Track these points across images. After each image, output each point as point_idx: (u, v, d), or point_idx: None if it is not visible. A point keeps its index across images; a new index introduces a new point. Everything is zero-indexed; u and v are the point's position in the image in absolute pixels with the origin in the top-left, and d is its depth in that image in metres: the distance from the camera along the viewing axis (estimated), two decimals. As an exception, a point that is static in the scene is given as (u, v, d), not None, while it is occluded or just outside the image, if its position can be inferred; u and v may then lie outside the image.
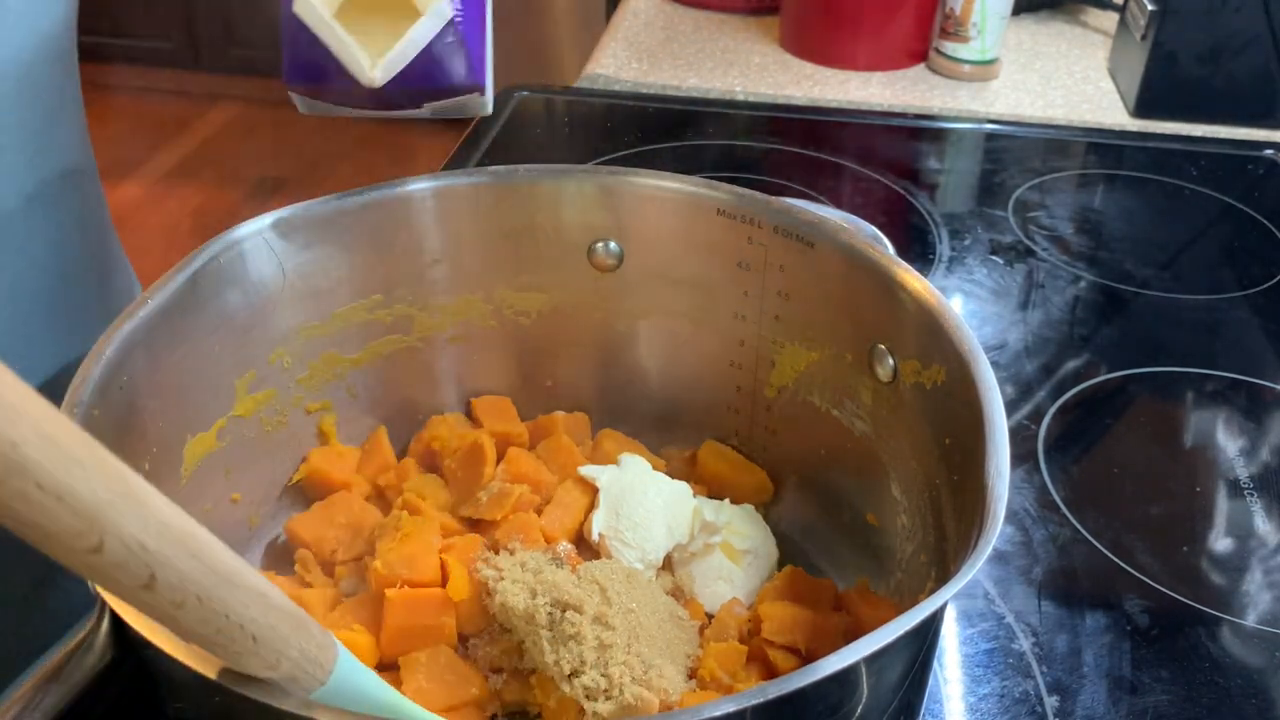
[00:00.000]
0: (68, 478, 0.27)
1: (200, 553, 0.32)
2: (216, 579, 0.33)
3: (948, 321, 0.51)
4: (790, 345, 0.62)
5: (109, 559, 0.29)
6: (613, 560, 0.59)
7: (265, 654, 0.36)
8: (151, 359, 0.50)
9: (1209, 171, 1.09)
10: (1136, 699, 0.58)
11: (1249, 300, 0.91)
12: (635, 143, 1.10)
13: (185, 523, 0.32)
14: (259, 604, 0.35)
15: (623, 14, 1.41)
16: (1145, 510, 0.70)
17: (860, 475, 0.60)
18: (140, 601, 0.31)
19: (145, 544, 0.30)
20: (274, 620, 0.35)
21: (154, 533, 0.30)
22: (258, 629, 0.35)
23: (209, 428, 0.55)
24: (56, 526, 0.27)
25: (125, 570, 0.30)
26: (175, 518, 0.31)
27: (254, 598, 0.35)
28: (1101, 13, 1.40)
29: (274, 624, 0.35)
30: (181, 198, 2.93)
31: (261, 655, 0.35)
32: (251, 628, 0.35)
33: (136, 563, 0.30)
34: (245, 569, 0.34)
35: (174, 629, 0.33)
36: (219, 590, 0.33)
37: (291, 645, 0.37)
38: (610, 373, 0.68)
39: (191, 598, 0.32)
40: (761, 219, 0.60)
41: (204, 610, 0.33)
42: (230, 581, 0.33)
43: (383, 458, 0.64)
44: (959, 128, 1.16)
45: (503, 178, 0.63)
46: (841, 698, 0.39)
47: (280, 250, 0.57)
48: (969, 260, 0.95)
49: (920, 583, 0.53)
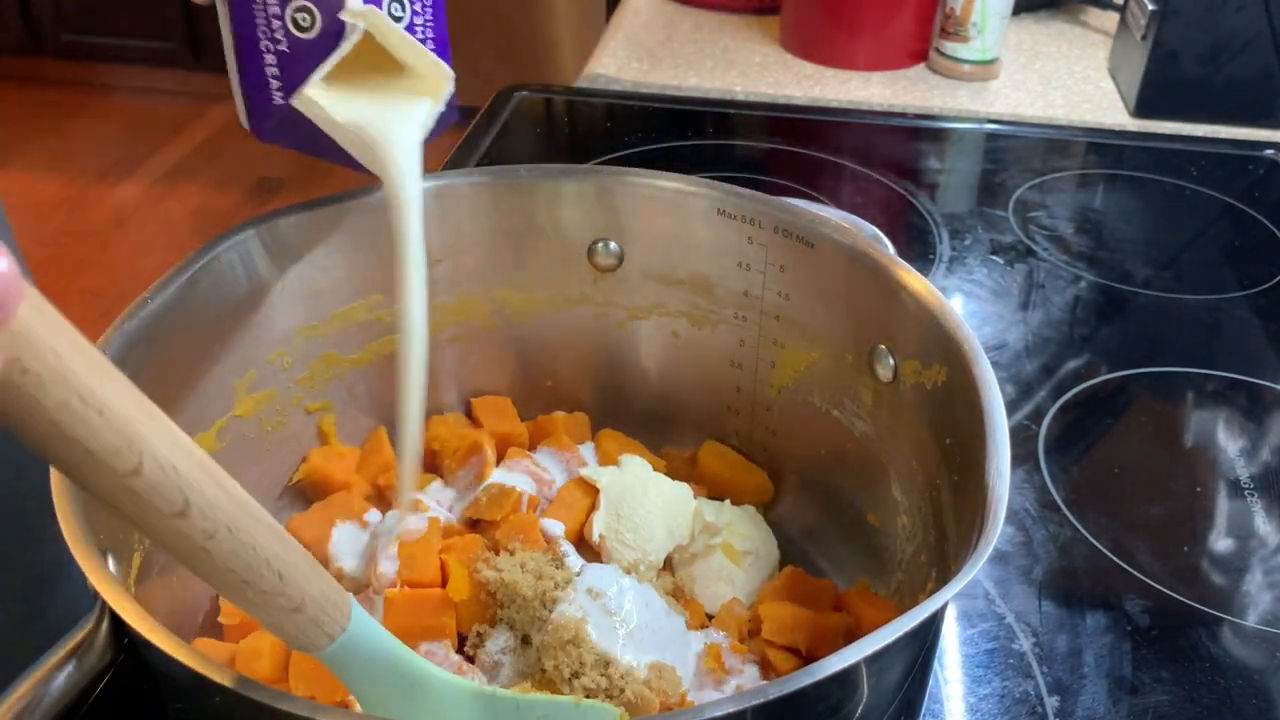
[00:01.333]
0: (105, 392, 0.27)
1: (224, 483, 0.32)
2: (241, 510, 0.33)
3: (948, 321, 0.51)
4: (790, 345, 0.62)
5: (147, 481, 0.29)
6: (611, 561, 0.59)
7: (291, 592, 0.35)
8: (151, 359, 0.50)
9: (1209, 171, 1.08)
10: (1137, 699, 0.58)
11: (1249, 300, 0.91)
12: (635, 143, 1.10)
13: (203, 453, 0.32)
14: (280, 538, 0.35)
15: (623, 14, 1.41)
16: (1146, 510, 0.70)
17: (860, 475, 0.60)
18: (174, 532, 0.31)
19: (177, 466, 0.30)
20: (295, 557, 0.36)
21: (183, 456, 0.30)
22: (283, 565, 0.35)
23: (209, 428, 0.55)
24: (97, 443, 0.28)
25: (162, 495, 0.30)
26: (195, 447, 0.32)
27: (274, 532, 0.35)
28: (1101, 13, 1.40)
29: (296, 561, 0.35)
30: (181, 198, 2.93)
31: (287, 594, 0.35)
32: (276, 563, 0.34)
33: (171, 486, 0.30)
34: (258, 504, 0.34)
35: (204, 568, 0.33)
36: (245, 520, 0.33)
37: (313, 583, 0.37)
38: (610, 373, 0.68)
39: (222, 527, 0.32)
40: (761, 219, 0.60)
41: (234, 541, 0.33)
42: (252, 514, 0.34)
43: (383, 458, 0.64)
44: (959, 128, 1.16)
45: (503, 178, 0.63)
46: (842, 698, 0.39)
47: (280, 251, 0.57)
48: (969, 260, 0.95)
49: (920, 583, 0.53)
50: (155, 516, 0.31)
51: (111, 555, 0.43)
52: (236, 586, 0.34)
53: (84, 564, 0.39)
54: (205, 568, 0.33)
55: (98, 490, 0.29)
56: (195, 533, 0.32)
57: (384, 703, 0.42)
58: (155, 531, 0.31)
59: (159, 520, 0.31)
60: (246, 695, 0.35)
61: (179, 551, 0.32)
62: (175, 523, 0.31)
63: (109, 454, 0.28)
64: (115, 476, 0.29)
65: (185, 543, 0.32)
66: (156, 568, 0.50)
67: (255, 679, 0.36)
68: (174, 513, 0.31)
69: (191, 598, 0.55)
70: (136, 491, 0.29)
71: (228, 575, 0.34)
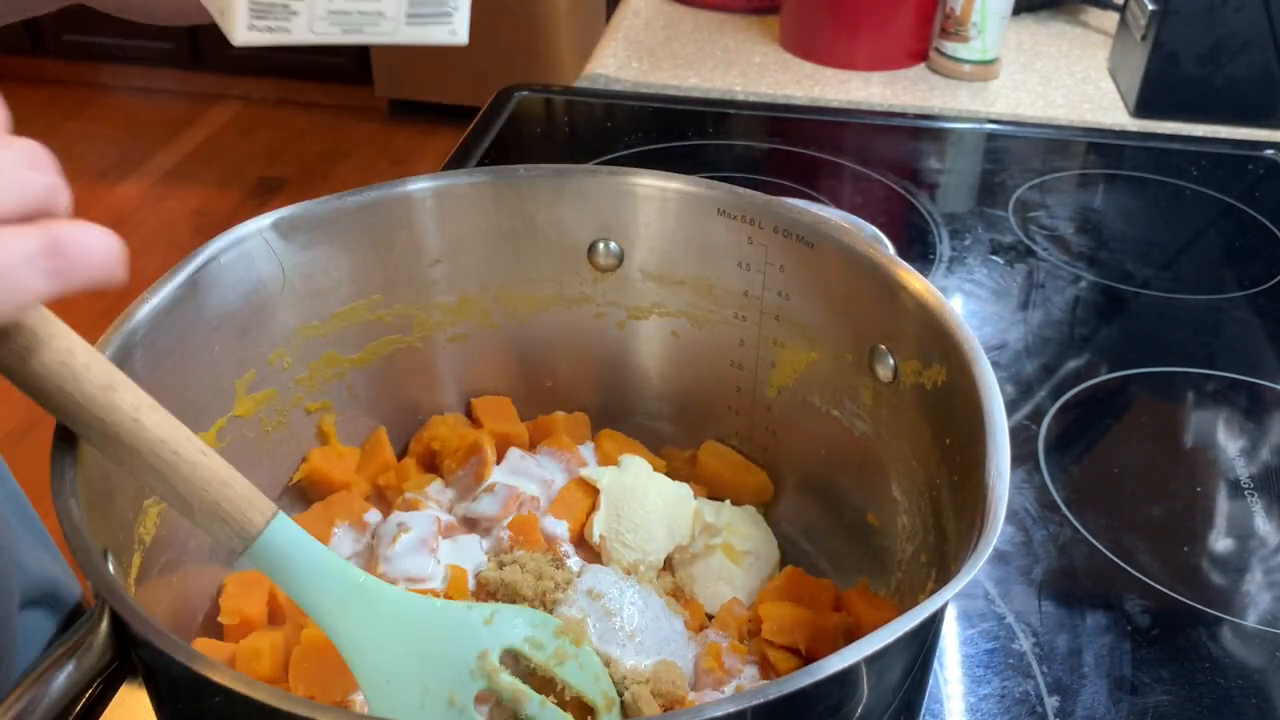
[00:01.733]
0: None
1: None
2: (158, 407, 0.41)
3: (948, 321, 0.51)
4: (790, 345, 0.62)
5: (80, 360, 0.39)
6: (611, 562, 0.59)
7: (217, 465, 0.42)
8: (151, 359, 0.50)
9: (1209, 171, 1.09)
10: (1137, 699, 0.58)
11: (1249, 300, 0.91)
12: (635, 143, 1.10)
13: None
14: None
15: (623, 14, 1.41)
16: (1145, 510, 0.70)
17: (860, 475, 0.60)
18: (108, 405, 0.39)
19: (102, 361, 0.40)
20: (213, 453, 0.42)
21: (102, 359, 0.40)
22: (204, 445, 0.42)
23: (209, 428, 0.55)
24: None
25: (96, 373, 0.39)
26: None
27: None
28: (1101, 13, 1.40)
29: (213, 452, 0.42)
30: (181, 198, 2.93)
31: (214, 467, 0.41)
32: (198, 442, 0.42)
33: (102, 366, 0.39)
34: None
35: (135, 442, 0.39)
36: (162, 411, 0.41)
37: (236, 475, 0.43)
38: (610, 373, 0.68)
39: (146, 405, 0.40)
40: (761, 219, 0.60)
41: (159, 415, 0.40)
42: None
43: (383, 458, 0.64)
44: (959, 128, 1.16)
45: (503, 178, 0.63)
46: (842, 698, 0.39)
47: (280, 250, 0.57)
48: (969, 260, 0.95)
49: (920, 583, 0.53)
50: (92, 389, 0.38)
51: (111, 555, 0.43)
52: (169, 460, 0.40)
53: (84, 564, 0.39)
54: (136, 442, 0.39)
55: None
56: (124, 406, 0.39)
57: (322, 609, 0.45)
58: (90, 406, 0.38)
59: (96, 392, 0.38)
60: (246, 695, 0.35)
61: (108, 425, 0.39)
62: (108, 395, 0.38)
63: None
64: (55, 355, 0.37)
65: (116, 414, 0.38)
66: (156, 568, 0.50)
67: (255, 679, 0.36)
68: (104, 385, 0.38)
69: (192, 598, 0.55)
70: (75, 369, 0.37)
71: (159, 447, 0.39)
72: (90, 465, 0.43)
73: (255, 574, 0.58)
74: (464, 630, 0.47)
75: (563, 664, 0.48)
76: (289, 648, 0.53)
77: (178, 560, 0.53)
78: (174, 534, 0.52)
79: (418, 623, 0.46)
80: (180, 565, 0.53)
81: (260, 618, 0.55)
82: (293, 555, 0.44)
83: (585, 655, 0.49)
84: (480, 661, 0.46)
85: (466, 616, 0.48)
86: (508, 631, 0.48)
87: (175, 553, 0.52)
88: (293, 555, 0.44)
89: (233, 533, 0.43)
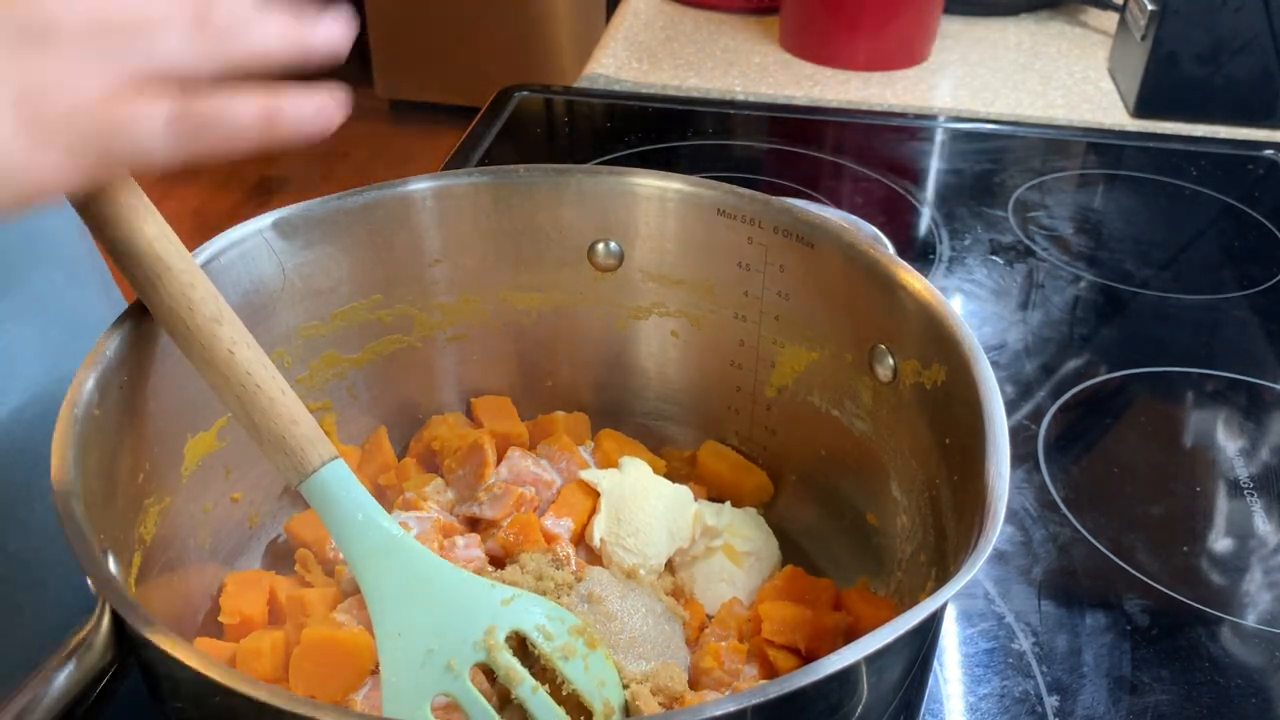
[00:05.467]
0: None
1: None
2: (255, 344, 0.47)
3: (948, 321, 0.51)
4: (790, 345, 0.62)
5: (200, 293, 0.46)
6: (612, 565, 0.59)
7: (292, 405, 0.46)
8: (151, 359, 0.50)
9: (1209, 171, 1.09)
10: (1136, 699, 0.58)
11: (1249, 300, 0.91)
12: (635, 143, 1.10)
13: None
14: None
15: (623, 14, 1.41)
16: (1145, 510, 0.70)
17: (860, 475, 0.60)
18: (211, 335, 0.45)
19: (220, 298, 0.47)
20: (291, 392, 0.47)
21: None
22: (285, 384, 0.47)
23: (209, 427, 0.55)
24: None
25: (209, 303, 0.46)
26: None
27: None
28: (1101, 13, 1.40)
29: (292, 391, 0.47)
30: (181, 198, 2.93)
31: (289, 406, 0.46)
32: (280, 380, 0.46)
33: (215, 299, 0.47)
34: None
35: (228, 370, 0.45)
36: (256, 347, 0.47)
37: (306, 413, 0.47)
38: (610, 373, 0.68)
39: (243, 343, 0.46)
40: (761, 219, 0.60)
41: (254, 351, 0.46)
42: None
43: (383, 458, 0.64)
44: (959, 127, 1.17)
45: (503, 178, 0.63)
46: (842, 697, 0.39)
47: (280, 250, 0.57)
48: (969, 260, 0.95)
49: (920, 583, 0.53)
50: (201, 320, 0.44)
51: (111, 555, 0.43)
52: (251, 392, 0.45)
53: (84, 564, 0.39)
54: (227, 370, 0.44)
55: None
56: (224, 339, 0.44)
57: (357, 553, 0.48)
58: (197, 334, 0.44)
59: (204, 323, 0.44)
60: (246, 695, 0.35)
61: (208, 352, 0.44)
62: (213, 327, 0.44)
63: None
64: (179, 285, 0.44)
65: (216, 344, 0.44)
66: (156, 568, 0.50)
67: (255, 679, 0.36)
68: (212, 318, 0.44)
69: (192, 597, 0.55)
70: (193, 301, 0.44)
71: (246, 379, 0.44)
72: (91, 465, 0.44)
73: (255, 574, 0.58)
74: (481, 604, 0.48)
75: (568, 660, 0.48)
76: (289, 648, 0.53)
77: (178, 560, 0.53)
78: (174, 534, 0.52)
79: (441, 586, 0.48)
80: (180, 565, 0.53)
81: (260, 618, 0.55)
82: (340, 498, 0.48)
83: (596, 660, 0.49)
84: (486, 635, 0.47)
85: (488, 593, 0.49)
86: (522, 615, 0.49)
87: (175, 553, 0.52)
88: (340, 498, 0.48)
89: (291, 466, 0.46)
